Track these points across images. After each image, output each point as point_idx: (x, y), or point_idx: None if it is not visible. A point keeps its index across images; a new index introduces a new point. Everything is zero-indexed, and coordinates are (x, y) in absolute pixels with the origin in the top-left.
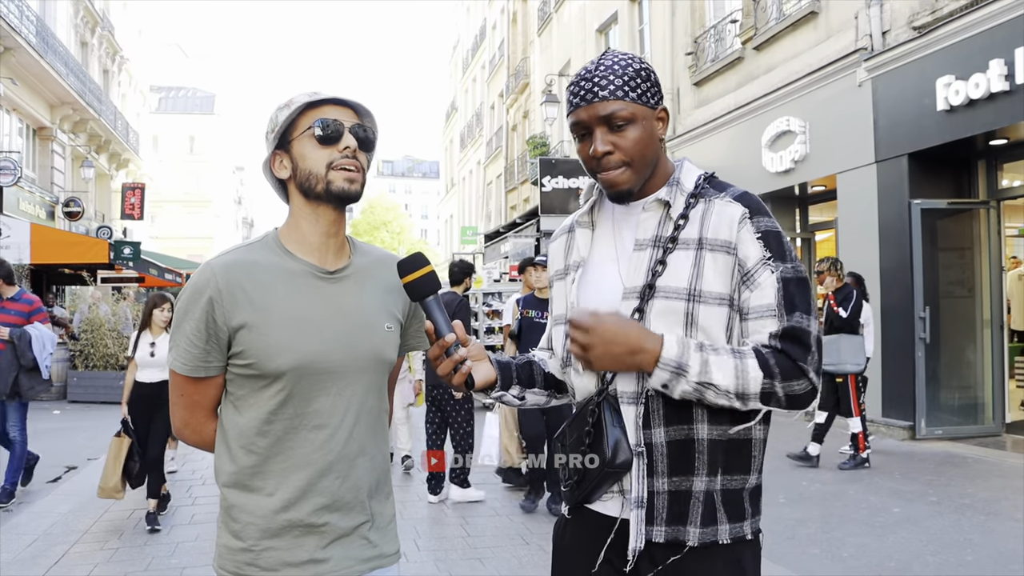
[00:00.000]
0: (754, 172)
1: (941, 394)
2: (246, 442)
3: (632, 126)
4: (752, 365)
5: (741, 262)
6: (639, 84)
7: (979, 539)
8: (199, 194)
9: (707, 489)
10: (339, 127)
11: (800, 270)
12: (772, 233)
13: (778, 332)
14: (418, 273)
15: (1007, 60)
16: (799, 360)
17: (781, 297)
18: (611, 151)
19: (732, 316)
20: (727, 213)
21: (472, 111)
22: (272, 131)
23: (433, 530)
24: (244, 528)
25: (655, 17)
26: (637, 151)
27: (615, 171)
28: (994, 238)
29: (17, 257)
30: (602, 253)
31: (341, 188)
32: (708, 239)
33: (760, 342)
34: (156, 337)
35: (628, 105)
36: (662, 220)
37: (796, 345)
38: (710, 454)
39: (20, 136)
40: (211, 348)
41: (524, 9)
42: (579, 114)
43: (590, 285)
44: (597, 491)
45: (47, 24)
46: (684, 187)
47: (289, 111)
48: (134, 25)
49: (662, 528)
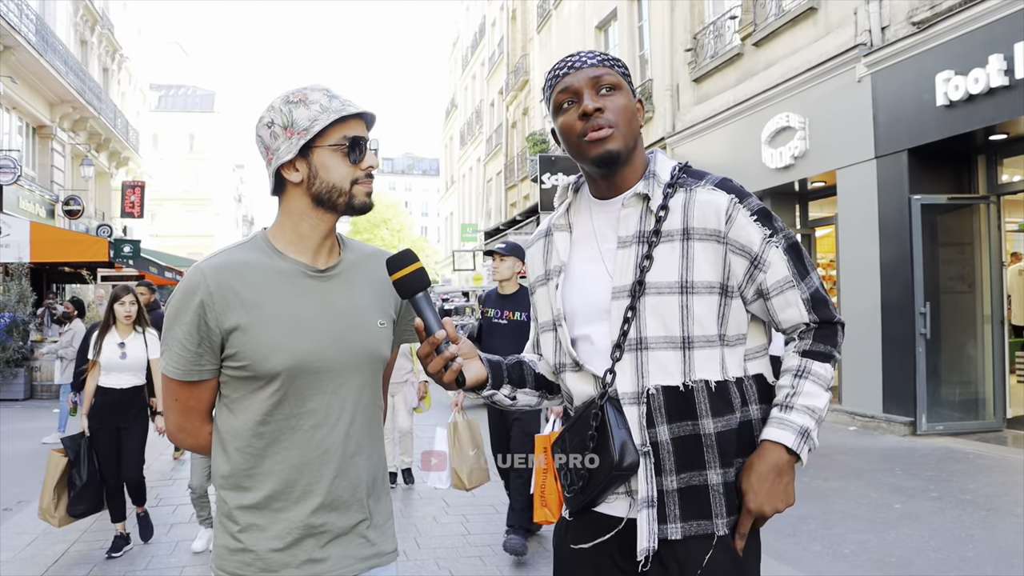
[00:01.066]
0: (754, 168)
1: (942, 390)
2: (242, 444)
3: (619, 93)
4: (817, 369)
5: (745, 247)
6: (620, 66)
7: (980, 535)
8: (199, 192)
9: (723, 480)
10: (365, 146)
11: (791, 235)
12: (762, 211)
13: (807, 299)
14: (407, 270)
15: (1006, 55)
16: (831, 320)
17: (792, 267)
18: (602, 108)
19: (724, 303)
20: (712, 202)
21: (472, 108)
22: (285, 127)
23: (434, 528)
24: (242, 529)
25: (654, 13)
26: (624, 117)
27: (603, 130)
28: (994, 233)
29: (17, 255)
30: (583, 254)
31: (363, 203)
32: (695, 228)
33: (793, 322)
34: (125, 337)
35: (614, 74)
36: (643, 214)
37: (822, 306)
38: (719, 445)
39: (20, 134)
40: (204, 351)
41: (524, 6)
42: (567, 80)
43: (574, 288)
44: (604, 494)
45: (47, 23)
46: (660, 178)
47: (308, 112)
48: (133, 23)
49: (677, 525)
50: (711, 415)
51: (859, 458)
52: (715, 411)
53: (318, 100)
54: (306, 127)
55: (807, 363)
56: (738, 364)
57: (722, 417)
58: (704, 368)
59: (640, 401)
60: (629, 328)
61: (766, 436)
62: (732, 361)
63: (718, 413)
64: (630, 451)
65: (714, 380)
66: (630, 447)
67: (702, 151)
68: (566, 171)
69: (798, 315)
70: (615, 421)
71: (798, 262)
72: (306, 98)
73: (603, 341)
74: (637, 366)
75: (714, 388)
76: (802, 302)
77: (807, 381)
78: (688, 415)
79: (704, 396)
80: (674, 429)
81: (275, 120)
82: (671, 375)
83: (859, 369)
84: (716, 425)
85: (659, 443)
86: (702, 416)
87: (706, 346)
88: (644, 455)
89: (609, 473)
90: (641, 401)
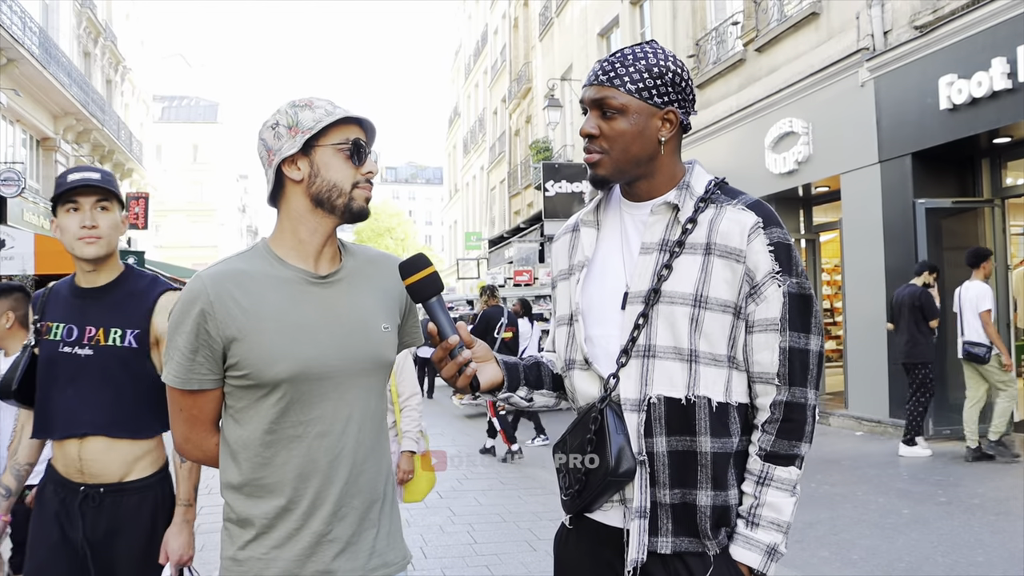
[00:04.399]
0: (757, 174)
1: (949, 394)
2: (250, 454)
3: (622, 118)
4: (780, 475)
5: (750, 272)
6: (645, 79)
7: (990, 539)
8: (203, 203)
9: (712, 504)
10: (367, 150)
11: (805, 286)
12: (783, 246)
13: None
14: (421, 274)
15: (1009, 58)
16: (801, 402)
17: (788, 313)
18: (595, 135)
19: (736, 324)
20: (739, 221)
21: (475, 116)
22: (289, 127)
23: (440, 537)
24: (253, 540)
25: (656, 20)
26: (619, 143)
27: (594, 155)
28: (999, 236)
29: (21, 268)
30: (607, 253)
31: (361, 207)
32: (717, 245)
33: (762, 368)
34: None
35: (623, 97)
36: (670, 224)
37: (799, 374)
38: (714, 467)
39: (24, 147)
40: (202, 360)
41: (525, 14)
42: (583, 93)
43: (594, 285)
44: (598, 500)
45: (50, 35)
46: (694, 191)
47: (313, 114)
48: (137, 35)
49: (668, 539)
50: (709, 434)
51: (866, 463)
52: (714, 431)
53: (323, 106)
54: (311, 126)
55: (769, 469)
56: (743, 390)
57: (719, 439)
58: (709, 386)
59: (641, 409)
60: (639, 334)
61: (733, 555)
62: (738, 386)
63: (716, 434)
64: (627, 458)
65: (716, 400)
66: (627, 454)
67: (705, 157)
68: (569, 179)
69: (769, 364)
70: (614, 426)
71: (799, 314)
72: (311, 103)
73: (612, 344)
74: (642, 373)
75: (715, 408)
76: (779, 351)
77: (771, 489)
78: (687, 430)
79: (705, 414)
80: (672, 442)
81: (280, 122)
82: (675, 387)
83: (865, 374)
84: (713, 445)
85: (655, 454)
86: (700, 433)
87: (712, 364)
88: (640, 464)
89: (604, 479)
90: (642, 409)
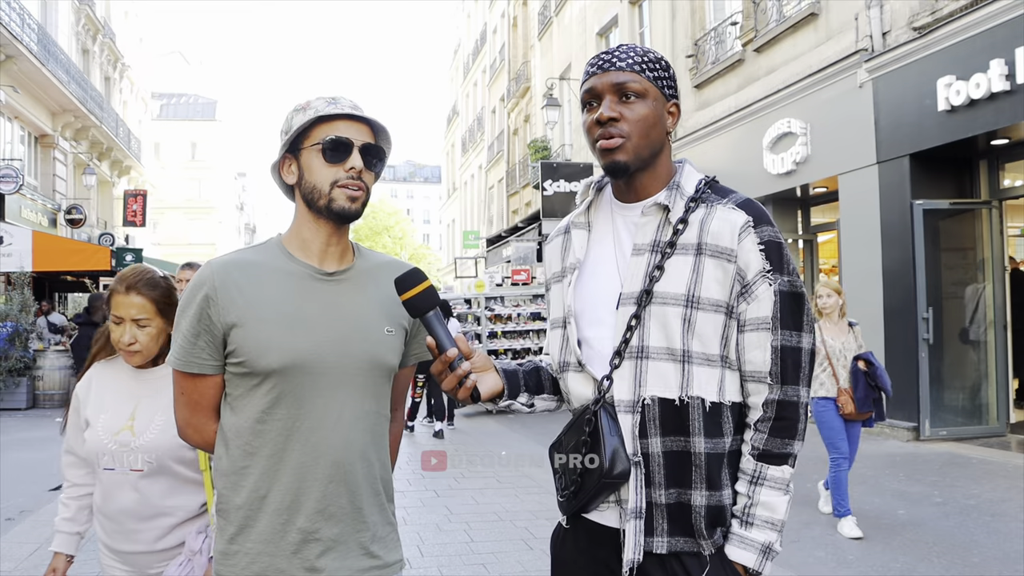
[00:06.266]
0: (755, 174)
1: (945, 395)
2: (242, 442)
3: (642, 101)
4: (774, 474)
5: (741, 272)
6: (656, 68)
7: (985, 540)
8: (201, 200)
9: (707, 504)
10: (348, 146)
11: (797, 284)
12: (774, 244)
13: (777, 349)
14: (417, 289)
15: (1007, 60)
16: (792, 401)
17: (779, 311)
18: (616, 118)
19: (728, 324)
20: (729, 220)
21: (473, 115)
22: (286, 132)
23: (437, 536)
24: (239, 533)
25: (655, 20)
26: (640, 127)
27: (614, 139)
28: (996, 238)
29: (19, 265)
30: (599, 255)
31: (341, 207)
32: (708, 244)
33: (754, 367)
34: None
35: (642, 80)
36: (661, 224)
37: (791, 373)
38: (708, 467)
39: (22, 144)
40: (203, 344)
41: (524, 13)
42: (592, 82)
43: (586, 287)
44: (594, 501)
45: (48, 32)
46: (684, 191)
47: (304, 117)
48: (135, 32)
49: (664, 539)
50: (703, 434)
51: (862, 464)
52: (707, 431)
53: (315, 105)
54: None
55: (762, 468)
56: (737, 390)
57: (712, 439)
58: (702, 386)
59: (635, 410)
60: (632, 336)
61: (728, 555)
62: (731, 385)
63: (710, 434)
64: (621, 459)
65: (710, 400)
66: (621, 455)
67: (703, 158)
68: (568, 178)
69: (761, 362)
70: (608, 428)
71: (791, 313)
72: (307, 105)
73: (605, 346)
74: (635, 374)
75: (708, 408)
76: (771, 349)
77: (764, 488)
78: (681, 431)
79: (698, 414)
80: (666, 442)
81: (283, 128)
82: (669, 387)
83: None
84: (707, 446)
85: (650, 455)
86: (694, 434)
87: (705, 364)
88: (635, 465)
89: (599, 480)
90: (636, 410)
